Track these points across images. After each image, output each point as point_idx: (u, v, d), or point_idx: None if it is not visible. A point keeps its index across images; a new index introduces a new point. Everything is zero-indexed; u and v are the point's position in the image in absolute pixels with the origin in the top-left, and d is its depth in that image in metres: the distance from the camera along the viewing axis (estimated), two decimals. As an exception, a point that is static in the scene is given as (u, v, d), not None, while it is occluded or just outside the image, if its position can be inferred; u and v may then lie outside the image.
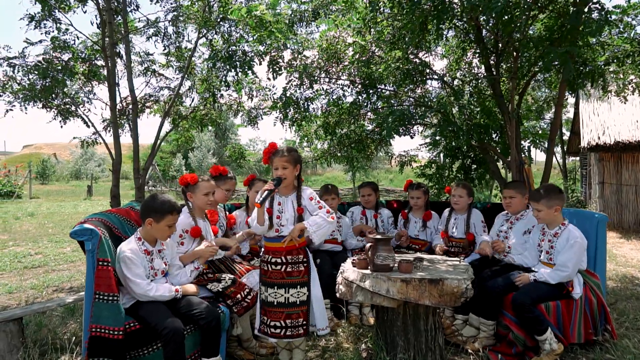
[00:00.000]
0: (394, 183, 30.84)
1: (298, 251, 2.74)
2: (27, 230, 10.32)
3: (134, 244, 2.61)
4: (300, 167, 2.80)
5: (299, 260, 2.74)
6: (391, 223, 4.53)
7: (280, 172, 2.72)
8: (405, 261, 2.65)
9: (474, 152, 6.59)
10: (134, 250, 2.57)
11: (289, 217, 2.75)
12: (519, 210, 3.65)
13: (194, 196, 3.04)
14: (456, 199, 4.08)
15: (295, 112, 5.22)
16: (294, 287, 2.72)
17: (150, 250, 2.67)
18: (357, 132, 5.86)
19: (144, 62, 4.88)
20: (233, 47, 3.99)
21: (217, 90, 4.68)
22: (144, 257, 2.61)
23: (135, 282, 2.51)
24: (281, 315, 2.72)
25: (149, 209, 2.61)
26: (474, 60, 5.24)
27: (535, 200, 3.16)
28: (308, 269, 2.75)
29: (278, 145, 2.85)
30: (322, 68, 4.72)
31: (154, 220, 2.60)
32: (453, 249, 4.10)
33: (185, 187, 3.07)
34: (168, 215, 2.63)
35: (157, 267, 2.68)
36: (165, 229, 2.66)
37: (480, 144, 4.95)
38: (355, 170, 6.66)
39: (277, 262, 2.78)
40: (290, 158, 2.72)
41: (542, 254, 3.27)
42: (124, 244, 2.60)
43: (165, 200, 2.64)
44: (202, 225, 3.07)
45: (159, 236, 2.70)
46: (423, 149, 7.26)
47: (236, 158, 5.43)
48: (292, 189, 2.80)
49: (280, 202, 2.80)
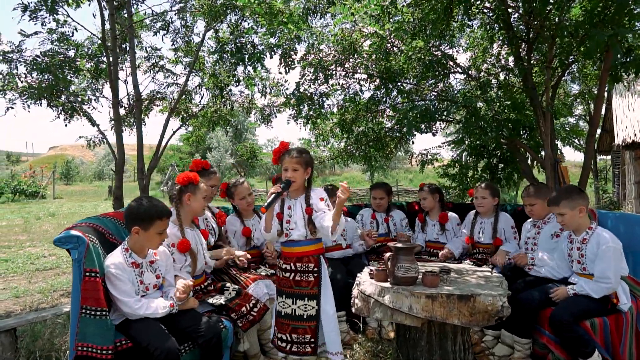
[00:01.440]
0: (414, 183, 30.20)
1: (309, 259, 2.46)
2: (45, 230, 10.39)
3: (119, 257, 2.33)
4: (311, 171, 2.54)
5: (308, 269, 2.46)
6: (405, 225, 4.20)
7: (289, 174, 2.47)
8: (431, 273, 2.32)
9: (501, 151, 6.18)
10: (119, 265, 2.28)
11: (298, 219, 2.49)
12: (543, 215, 3.29)
13: (194, 198, 2.74)
14: (479, 200, 3.73)
15: (309, 109, 4.93)
16: (301, 298, 2.46)
17: (140, 262, 2.39)
18: (376, 129, 5.53)
19: (151, 58, 4.68)
20: (241, 39, 3.73)
21: (225, 85, 4.43)
22: (132, 272, 2.33)
23: (122, 301, 2.24)
24: (287, 327, 2.48)
25: (133, 216, 2.33)
26: (502, 50, 4.83)
27: (555, 204, 2.79)
28: (319, 280, 2.46)
29: (290, 145, 2.58)
30: (337, 61, 4.42)
31: (141, 228, 2.32)
32: (480, 255, 3.75)
33: (185, 187, 2.74)
34: (157, 221, 2.34)
35: (147, 282, 2.39)
36: (155, 237, 2.37)
37: (509, 141, 4.55)
38: (374, 170, 6.36)
39: (287, 269, 2.53)
40: (301, 160, 2.47)
41: (574, 264, 2.91)
42: (109, 257, 2.33)
43: (152, 205, 2.35)
44: (191, 236, 2.76)
45: (149, 245, 2.42)
46: (446, 147, 6.88)
47: (248, 158, 5.18)
48: (301, 192, 2.56)
49: (290, 206, 2.55)
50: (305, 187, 2.55)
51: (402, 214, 4.21)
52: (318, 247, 2.52)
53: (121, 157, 3.84)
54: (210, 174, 3.20)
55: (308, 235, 2.47)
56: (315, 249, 2.49)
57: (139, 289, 2.35)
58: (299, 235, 2.47)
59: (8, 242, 8.55)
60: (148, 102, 4.68)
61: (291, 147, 2.55)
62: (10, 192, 19.73)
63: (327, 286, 2.51)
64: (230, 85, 4.55)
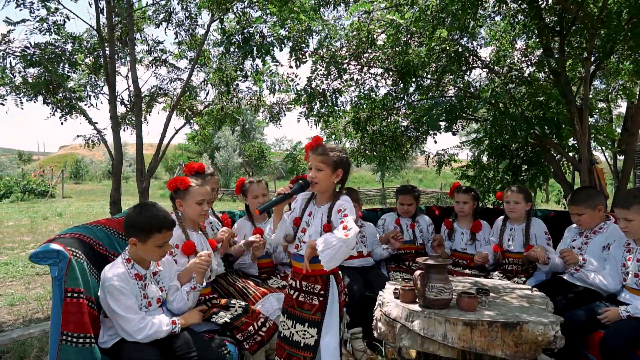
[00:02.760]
0: (424, 183, 29.75)
1: (315, 279, 2.12)
2: (51, 231, 10.23)
3: (121, 267, 2.06)
4: (343, 173, 2.17)
5: (314, 291, 2.12)
6: (431, 232, 3.85)
7: (312, 173, 2.13)
8: (467, 295, 1.98)
9: (525, 151, 5.80)
10: (122, 276, 2.02)
11: (314, 232, 2.15)
12: (593, 225, 2.92)
13: (185, 204, 2.47)
14: (512, 205, 3.37)
15: (321, 106, 4.61)
16: (301, 322, 2.12)
17: (143, 274, 2.12)
18: (391, 128, 5.19)
19: (153, 51, 4.39)
20: (249, 29, 3.41)
21: (232, 80, 4.12)
22: (135, 284, 2.07)
23: (126, 318, 1.96)
24: (283, 352, 2.16)
25: (130, 226, 2.07)
26: (530, 42, 4.46)
27: (624, 207, 2.45)
28: (323, 305, 2.10)
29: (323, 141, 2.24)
30: (353, 54, 4.08)
31: (138, 240, 2.06)
32: (510, 266, 3.39)
33: (174, 193, 2.49)
34: (155, 234, 2.06)
35: (151, 295, 2.12)
36: (155, 250, 2.11)
37: (538, 140, 4.18)
38: (384, 170, 6.03)
39: (292, 286, 2.21)
40: (327, 159, 2.11)
41: (629, 277, 2.56)
42: (109, 268, 2.05)
43: (152, 215, 2.07)
44: (196, 239, 2.50)
45: (149, 258, 2.16)
46: (465, 147, 6.51)
47: (256, 158, 4.85)
48: (328, 199, 2.19)
49: (312, 213, 2.20)
50: (334, 194, 2.19)
51: (428, 220, 3.87)
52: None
53: (118, 158, 3.55)
54: (207, 176, 2.88)
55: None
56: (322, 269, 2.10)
57: (142, 304, 2.08)
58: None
59: (12, 244, 8.37)
60: (149, 99, 4.39)
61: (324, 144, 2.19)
62: (19, 191, 19.79)
63: (333, 314, 2.13)
64: (237, 81, 4.23)
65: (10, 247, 7.96)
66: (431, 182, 29.69)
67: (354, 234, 1.93)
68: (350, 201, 2.14)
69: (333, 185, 2.17)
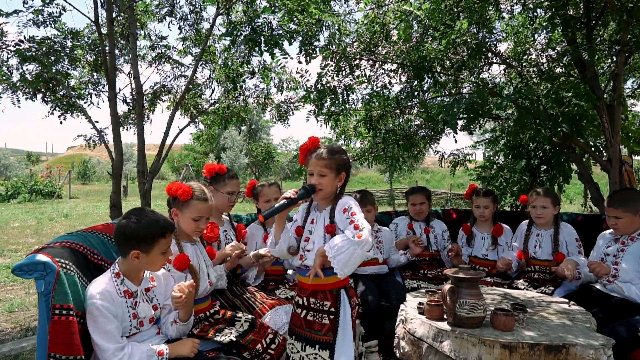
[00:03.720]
0: (431, 184, 29.35)
1: (325, 295, 1.90)
2: (56, 232, 10.14)
3: (108, 283, 1.84)
4: (346, 176, 1.99)
5: (323, 309, 1.90)
6: (447, 239, 3.62)
7: (315, 180, 1.93)
8: (503, 312, 1.75)
9: (543, 151, 5.55)
10: (108, 294, 1.79)
11: (317, 238, 1.95)
12: (632, 230, 2.68)
13: (181, 216, 2.23)
14: (539, 211, 3.14)
15: (331, 104, 4.39)
16: (311, 345, 1.90)
17: (134, 290, 1.90)
18: (405, 127, 4.95)
19: (157, 47, 4.20)
20: (257, 20, 3.20)
21: (238, 76, 3.91)
22: (123, 303, 1.84)
23: (101, 347, 1.73)
24: None
25: (131, 236, 1.83)
26: (555, 35, 4.21)
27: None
28: (335, 324, 1.88)
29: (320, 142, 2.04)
30: (365, 49, 3.86)
31: (141, 252, 1.84)
32: (536, 274, 3.16)
33: (172, 200, 2.24)
34: (160, 240, 1.87)
35: (142, 314, 1.91)
36: (159, 258, 1.91)
37: (563, 139, 3.93)
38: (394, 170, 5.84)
39: (299, 304, 2.00)
40: (331, 162, 1.92)
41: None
42: (94, 283, 1.83)
43: (152, 220, 1.87)
44: (190, 251, 2.27)
45: (151, 268, 1.96)
46: (480, 147, 6.27)
47: (263, 158, 4.64)
48: (330, 202, 2.00)
49: (314, 220, 2.01)
50: (335, 197, 2.01)
51: (443, 225, 3.64)
52: (339, 278, 1.91)
53: (119, 159, 3.36)
54: (228, 179, 2.68)
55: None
56: (335, 281, 1.91)
57: (130, 326, 1.86)
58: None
59: (16, 245, 8.27)
60: (152, 97, 4.20)
61: (322, 145, 2.01)
62: (26, 192, 19.85)
63: (346, 333, 1.90)
64: (244, 77, 4.02)
65: (14, 249, 7.84)
66: (439, 183, 29.31)
67: (368, 233, 1.73)
68: (353, 199, 1.95)
69: (336, 189, 1.99)
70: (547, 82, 3.17)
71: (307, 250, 1.96)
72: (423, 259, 3.48)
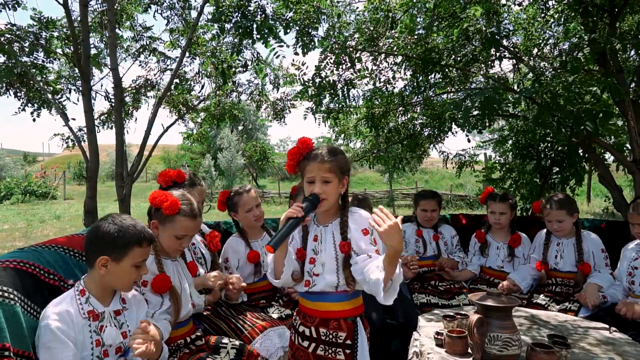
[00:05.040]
0: (430, 184, 29.01)
1: (339, 324, 1.58)
2: (46, 235, 9.83)
3: (70, 302, 1.55)
4: (348, 180, 1.67)
5: (337, 341, 1.58)
6: (456, 245, 3.31)
7: (318, 188, 1.60)
8: (544, 350, 1.43)
9: (555, 151, 5.25)
10: (67, 315, 1.50)
11: (327, 259, 1.62)
12: None
13: (162, 231, 1.91)
14: (554, 225, 2.85)
15: (331, 100, 4.07)
16: None
17: (100, 312, 1.60)
18: (409, 125, 4.64)
19: (141, 39, 3.86)
20: (249, 5, 2.86)
21: (228, 68, 3.56)
22: (85, 326, 1.54)
23: None
24: None
25: (102, 237, 1.56)
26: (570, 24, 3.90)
27: None
28: (352, 359, 1.57)
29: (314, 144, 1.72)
30: (367, 39, 3.54)
31: (110, 258, 1.55)
32: (558, 287, 2.85)
33: (155, 211, 1.92)
34: (135, 249, 1.57)
35: (109, 341, 1.59)
36: (131, 272, 1.60)
37: (584, 138, 3.62)
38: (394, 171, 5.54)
39: (305, 335, 1.65)
40: (334, 166, 1.60)
41: None
42: (52, 303, 1.54)
43: (128, 224, 1.58)
44: (171, 269, 1.95)
45: (119, 284, 1.64)
46: (487, 147, 5.96)
47: (257, 159, 4.30)
48: (334, 214, 1.67)
49: (317, 236, 1.67)
50: (340, 207, 1.68)
51: (452, 230, 3.32)
52: (355, 304, 1.63)
53: (94, 160, 3.03)
54: (190, 187, 2.28)
55: (341, 285, 1.60)
56: (351, 307, 1.61)
57: (92, 354, 1.54)
58: (327, 285, 1.61)
59: (2, 250, 7.94)
60: (135, 92, 3.86)
61: (317, 147, 1.68)
62: (20, 193, 19.56)
63: None
64: (237, 69, 3.68)
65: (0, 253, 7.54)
66: (437, 184, 28.99)
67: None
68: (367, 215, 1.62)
69: (339, 197, 1.67)
70: (571, 73, 2.85)
71: (315, 275, 1.63)
72: (432, 269, 3.16)
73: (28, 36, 3.22)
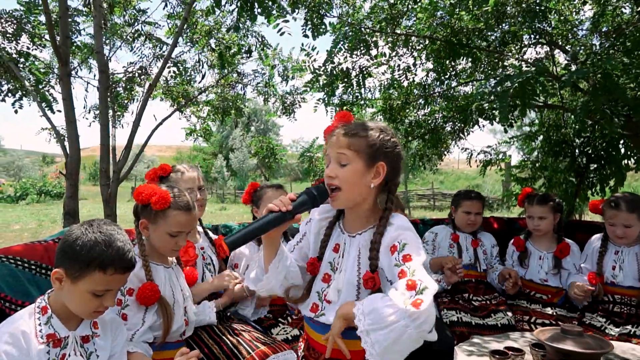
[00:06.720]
0: (445, 185, 28.38)
1: None
2: (54, 236, 9.73)
3: (27, 321, 1.21)
4: (389, 170, 1.20)
5: None
6: (496, 255, 2.85)
7: (329, 171, 1.17)
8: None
9: (593, 147, 4.76)
10: (20, 336, 1.18)
11: (343, 284, 1.20)
12: None
13: (153, 230, 1.59)
14: (620, 230, 2.37)
15: (344, 91, 3.67)
16: None
17: (64, 336, 1.24)
18: (430, 119, 4.21)
19: (135, 23, 3.52)
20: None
21: (226, 49, 3.18)
22: (43, 352, 1.20)
23: None
24: None
25: (64, 248, 1.23)
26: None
27: None
28: None
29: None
30: (386, 18, 3.13)
31: (66, 274, 1.20)
32: (617, 307, 2.38)
33: (142, 208, 1.61)
34: (95, 273, 1.20)
35: None
36: (87, 299, 1.23)
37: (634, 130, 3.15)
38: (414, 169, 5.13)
39: None
40: (359, 142, 1.16)
41: None
42: (7, 322, 1.23)
43: (99, 240, 1.21)
44: (163, 276, 1.62)
45: (76, 309, 1.25)
46: (515, 143, 5.48)
47: (264, 156, 3.92)
48: (367, 221, 1.23)
49: (339, 245, 1.24)
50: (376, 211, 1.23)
51: (493, 239, 2.86)
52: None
53: (74, 155, 2.69)
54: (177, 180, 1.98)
55: None
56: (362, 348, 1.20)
57: None
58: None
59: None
60: (127, 81, 3.52)
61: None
62: (35, 193, 19.91)
63: None
64: (240, 55, 3.30)
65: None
66: (453, 185, 28.32)
67: (430, 303, 0.98)
68: (411, 226, 1.18)
69: (372, 194, 1.20)
70: (631, 51, 2.40)
71: (327, 301, 1.22)
72: (468, 280, 2.70)
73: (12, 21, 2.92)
